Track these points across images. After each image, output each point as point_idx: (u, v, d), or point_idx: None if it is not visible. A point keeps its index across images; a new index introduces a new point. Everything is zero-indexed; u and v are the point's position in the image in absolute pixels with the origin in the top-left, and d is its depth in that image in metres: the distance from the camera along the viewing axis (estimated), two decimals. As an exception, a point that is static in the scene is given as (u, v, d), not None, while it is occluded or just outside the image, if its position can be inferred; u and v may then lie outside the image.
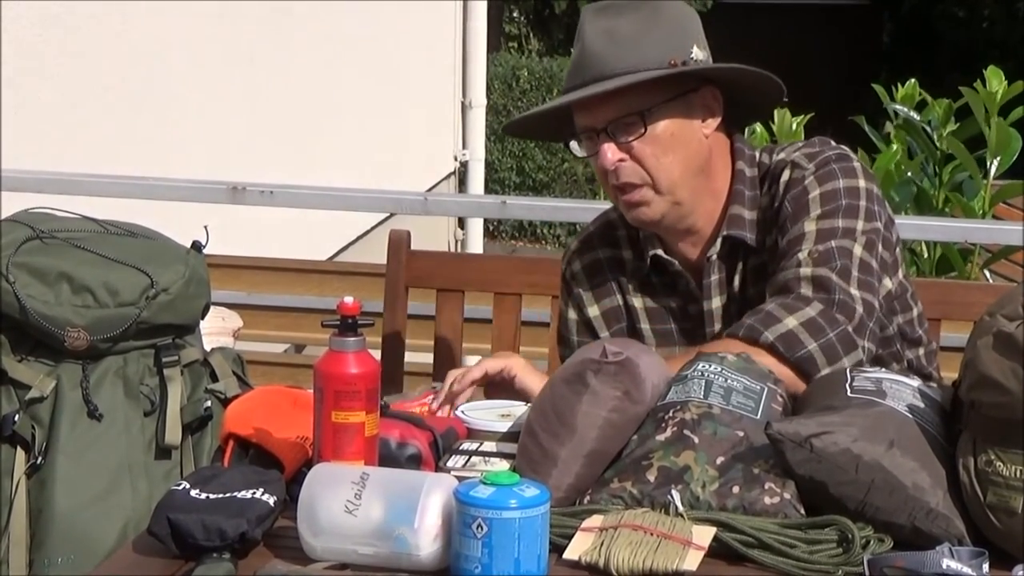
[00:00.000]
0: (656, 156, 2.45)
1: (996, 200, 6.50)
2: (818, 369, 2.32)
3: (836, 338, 2.35)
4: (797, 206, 2.46)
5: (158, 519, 1.96)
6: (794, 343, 2.34)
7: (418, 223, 4.26)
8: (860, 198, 2.46)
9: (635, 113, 2.44)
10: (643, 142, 2.45)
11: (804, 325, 2.35)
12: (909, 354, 2.57)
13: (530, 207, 5.99)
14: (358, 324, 2.09)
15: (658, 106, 2.45)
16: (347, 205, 5.28)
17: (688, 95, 2.47)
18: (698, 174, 2.50)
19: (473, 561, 1.82)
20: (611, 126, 2.45)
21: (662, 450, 2.06)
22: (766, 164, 2.54)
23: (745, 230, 2.50)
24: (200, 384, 2.72)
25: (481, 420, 2.33)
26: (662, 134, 2.45)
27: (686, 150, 2.48)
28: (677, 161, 2.47)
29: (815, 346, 2.33)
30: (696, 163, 2.49)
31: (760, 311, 2.39)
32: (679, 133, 2.47)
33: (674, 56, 2.44)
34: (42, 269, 2.65)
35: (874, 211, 2.47)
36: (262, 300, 4.95)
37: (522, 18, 16.28)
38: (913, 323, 2.57)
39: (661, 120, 2.45)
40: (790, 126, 6.42)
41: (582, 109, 2.48)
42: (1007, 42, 16.90)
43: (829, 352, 2.34)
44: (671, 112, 2.46)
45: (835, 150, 2.52)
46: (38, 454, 2.61)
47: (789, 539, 1.93)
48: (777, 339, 2.34)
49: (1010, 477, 1.93)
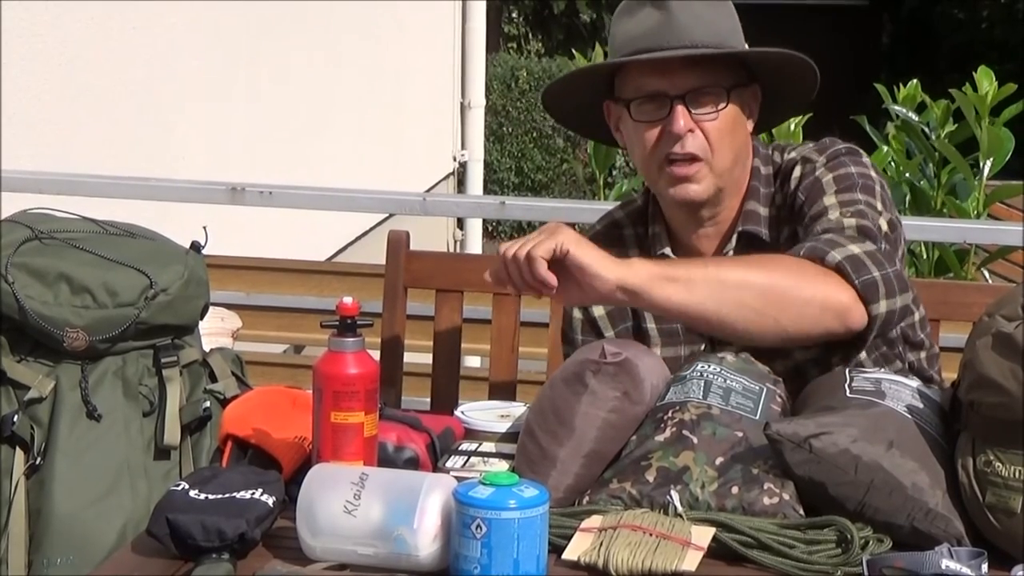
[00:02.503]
0: (721, 137, 2.44)
1: (991, 201, 6.50)
2: (878, 298, 2.28)
3: (893, 274, 2.32)
4: (812, 192, 2.45)
5: (157, 520, 1.96)
6: (860, 266, 2.29)
7: (417, 224, 4.25)
8: (875, 184, 2.47)
9: (721, 87, 2.43)
10: (717, 119, 2.43)
11: (867, 254, 2.31)
12: (911, 357, 2.56)
13: (529, 208, 5.98)
14: (357, 324, 2.09)
15: (736, 87, 2.44)
16: (346, 206, 5.28)
17: (744, 87, 2.48)
18: (737, 165, 2.49)
19: (472, 561, 1.82)
20: (691, 95, 2.42)
21: (661, 451, 2.06)
22: (778, 162, 2.54)
23: (760, 226, 2.50)
24: (199, 385, 2.71)
25: (480, 420, 2.33)
26: (731, 116, 2.45)
27: (739, 140, 2.48)
28: (732, 148, 2.46)
29: (879, 274, 2.29)
30: (742, 155, 2.50)
31: (817, 239, 2.34)
32: (739, 121, 2.47)
33: (741, 46, 2.45)
34: (41, 270, 2.65)
35: (888, 202, 2.47)
36: (261, 300, 4.95)
37: (521, 18, 16.27)
38: (915, 327, 2.57)
39: (734, 103, 2.45)
40: (789, 126, 6.41)
41: (657, 73, 2.43)
42: (1007, 43, 16.90)
43: (888, 284, 2.30)
44: (741, 97, 2.47)
45: (845, 145, 2.53)
46: (37, 454, 2.61)
47: (788, 539, 1.93)
48: (845, 259, 2.29)
49: (1009, 477, 1.93)
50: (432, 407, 2.92)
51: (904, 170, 6.47)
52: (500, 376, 2.96)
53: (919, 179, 6.49)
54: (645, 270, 2.21)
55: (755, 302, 2.23)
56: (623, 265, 2.20)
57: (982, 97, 6.17)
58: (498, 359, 2.97)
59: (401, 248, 3.03)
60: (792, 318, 2.24)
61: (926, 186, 6.46)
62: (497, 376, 2.96)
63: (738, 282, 2.24)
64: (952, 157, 6.23)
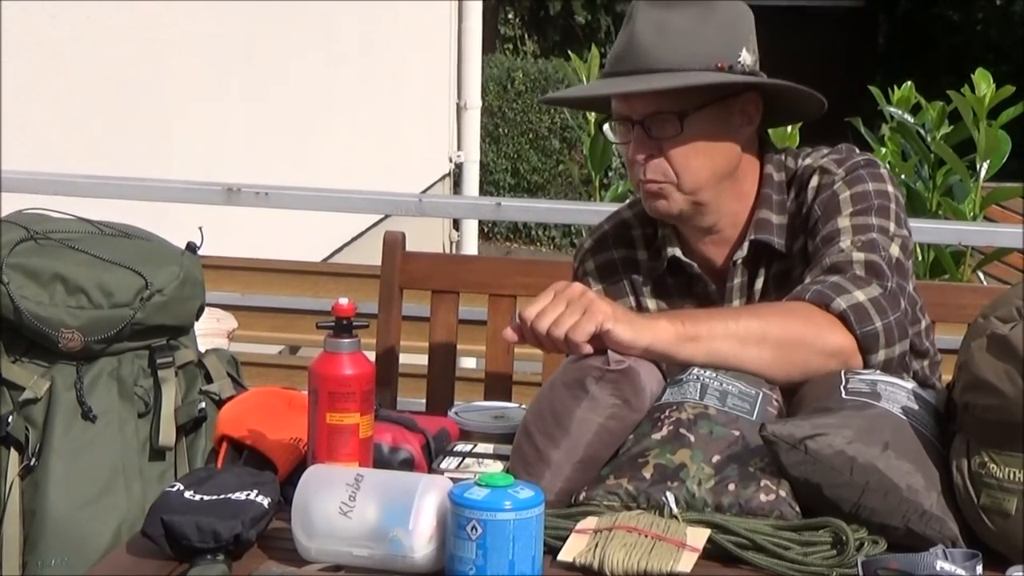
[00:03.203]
0: (687, 158, 2.43)
1: (988, 203, 6.50)
2: (878, 348, 2.29)
3: (895, 322, 2.32)
4: (828, 208, 2.44)
5: (152, 520, 1.95)
6: (863, 317, 2.30)
7: (413, 224, 4.26)
8: (891, 201, 2.45)
9: (673, 112, 2.41)
10: (676, 142, 2.42)
11: (871, 302, 2.32)
12: (915, 365, 2.56)
13: (525, 209, 6.00)
14: (353, 325, 2.08)
15: (696, 109, 2.42)
16: (342, 206, 5.28)
17: (728, 100, 2.45)
18: (725, 177, 2.47)
19: (467, 563, 1.82)
20: (647, 120, 2.42)
21: (658, 448, 2.06)
22: (792, 168, 2.52)
23: (773, 235, 2.48)
24: (194, 385, 2.71)
25: (475, 421, 2.33)
26: (696, 136, 2.42)
27: (718, 155, 2.45)
28: (706, 165, 2.44)
29: (880, 324, 2.30)
30: (726, 168, 2.47)
31: (823, 281, 2.35)
32: (713, 137, 2.44)
33: (721, 58, 2.40)
34: (36, 270, 2.65)
35: (902, 218, 2.47)
36: (257, 301, 4.95)
37: (517, 20, 16.28)
38: (921, 335, 2.56)
39: (697, 123, 2.42)
40: (786, 128, 6.41)
41: (621, 97, 2.45)
42: (1001, 45, 16.93)
43: (888, 335, 2.31)
44: (709, 116, 2.43)
45: (863, 156, 2.51)
46: (32, 455, 2.61)
47: (783, 541, 1.93)
48: (849, 308, 2.30)
49: (1004, 479, 1.93)
50: (427, 408, 2.92)
51: (900, 172, 6.47)
52: (495, 377, 2.96)
53: (914, 181, 6.49)
54: (670, 333, 2.22)
55: (770, 354, 2.26)
56: (650, 330, 2.21)
57: (980, 99, 6.17)
58: (494, 360, 2.97)
59: (397, 249, 3.03)
60: (801, 366, 2.27)
61: (921, 188, 6.46)
62: (493, 377, 2.96)
63: (757, 337, 2.26)
64: (949, 159, 6.23)
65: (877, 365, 2.30)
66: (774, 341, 2.26)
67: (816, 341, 2.28)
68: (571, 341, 2.17)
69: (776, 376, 2.26)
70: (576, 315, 2.17)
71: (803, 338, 2.28)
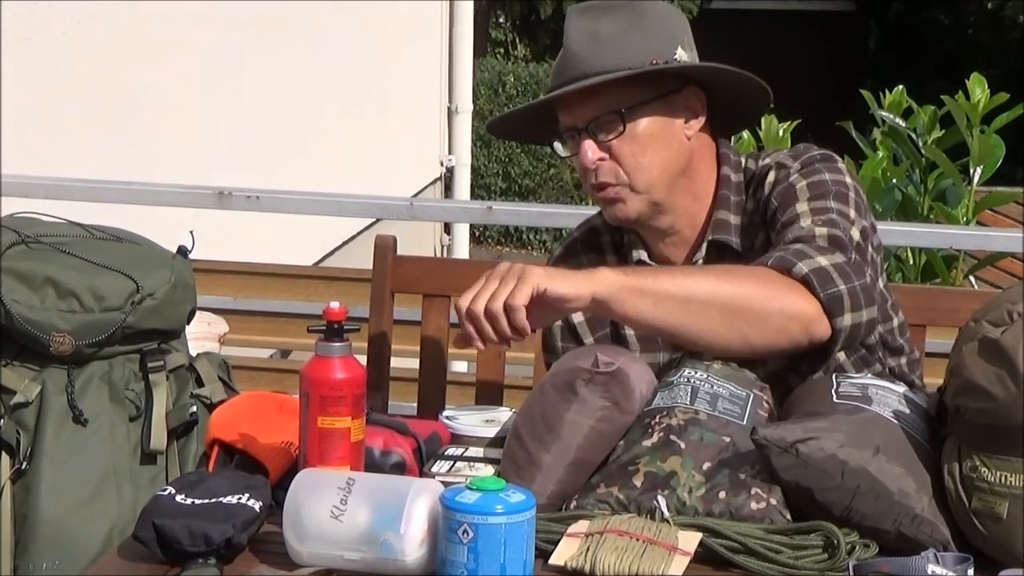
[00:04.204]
0: (635, 155, 2.45)
1: (981, 208, 6.51)
2: (843, 311, 2.28)
3: (860, 287, 2.31)
4: (786, 197, 2.45)
5: (143, 524, 1.95)
6: (827, 280, 2.28)
7: (404, 228, 4.26)
8: (849, 190, 2.45)
9: (614, 111, 2.43)
10: (622, 141, 2.44)
11: (835, 267, 2.31)
12: (891, 362, 2.56)
13: (516, 213, 5.99)
14: (344, 329, 2.08)
15: (638, 105, 2.44)
16: (333, 210, 5.28)
17: (670, 96, 2.47)
18: (679, 175, 2.49)
19: (459, 566, 1.82)
20: (592, 125, 2.45)
21: (648, 455, 2.06)
22: (752, 169, 2.54)
23: (731, 234, 2.50)
24: (186, 389, 2.71)
25: (466, 425, 2.33)
26: (642, 133, 2.45)
27: (667, 151, 2.47)
28: (656, 161, 2.46)
29: (845, 288, 2.29)
30: (677, 164, 2.49)
31: (786, 248, 2.34)
32: (659, 133, 2.46)
33: (657, 57, 2.43)
34: (27, 274, 2.64)
35: (863, 207, 2.47)
36: (248, 305, 4.94)
37: (508, 23, 16.30)
38: (894, 332, 2.57)
39: (641, 119, 2.45)
40: (777, 132, 6.42)
41: (565, 109, 2.48)
42: (992, 49, 16.95)
43: (854, 298, 2.29)
44: (651, 111, 2.45)
45: (820, 151, 2.52)
46: (23, 459, 2.61)
47: (775, 545, 1.93)
48: (812, 271, 2.28)
49: (995, 483, 1.93)
50: (419, 412, 2.92)
51: (891, 176, 6.47)
52: (487, 381, 2.96)
53: (906, 185, 6.50)
54: (614, 280, 2.21)
55: (721, 314, 2.24)
56: (592, 277, 2.20)
57: (974, 105, 6.18)
58: (485, 364, 2.97)
59: (388, 253, 3.03)
60: (757, 330, 2.25)
61: (913, 192, 6.47)
62: (484, 381, 2.96)
63: (706, 294, 2.24)
64: (941, 163, 6.24)
65: (844, 330, 2.28)
66: (726, 301, 2.24)
67: (773, 303, 2.26)
68: (511, 308, 2.13)
69: (730, 341, 2.24)
70: (510, 284, 2.15)
71: (759, 301, 2.26)
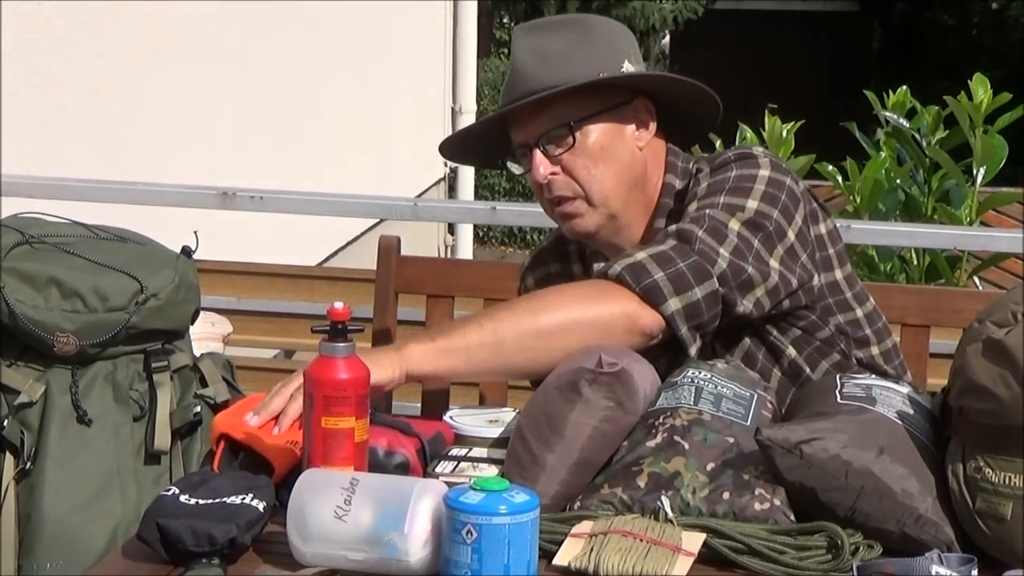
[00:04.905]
0: (587, 168, 2.47)
1: (985, 208, 6.50)
2: (664, 298, 2.30)
3: (686, 267, 2.32)
4: (688, 202, 2.47)
5: (147, 525, 1.95)
6: (640, 272, 2.32)
7: (408, 229, 4.26)
8: (756, 182, 2.44)
9: (564, 124, 2.46)
10: (573, 154, 2.47)
11: (652, 257, 2.34)
12: (859, 353, 2.55)
13: (520, 213, 5.98)
14: (348, 330, 2.08)
15: (587, 117, 2.47)
16: (337, 211, 5.28)
17: (620, 107, 2.49)
18: (633, 187, 2.51)
19: (463, 567, 1.82)
20: (542, 139, 2.47)
21: (652, 456, 2.06)
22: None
23: None
24: (189, 389, 2.71)
25: (470, 426, 2.33)
26: (593, 145, 2.47)
27: (619, 162, 2.49)
28: (609, 173, 2.48)
29: (661, 275, 2.31)
30: (630, 175, 2.50)
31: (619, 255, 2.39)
32: (610, 145, 2.48)
33: (604, 71, 2.46)
34: (31, 274, 2.64)
35: (777, 198, 2.44)
36: (252, 305, 4.95)
37: (512, 23, 16.29)
38: (858, 323, 2.55)
39: (591, 131, 2.47)
40: (780, 133, 6.41)
41: (516, 126, 2.51)
42: (996, 49, 16.95)
43: (677, 281, 2.31)
44: (601, 123, 2.48)
45: (741, 150, 2.51)
46: (27, 459, 2.61)
47: (778, 545, 1.93)
48: (624, 269, 2.32)
49: (999, 483, 1.93)
50: (422, 412, 2.92)
51: (895, 176, 6.47)
52: (490, 381, 2.96)
53: (909, 185, 6.49)
54: (422, 353, 2.25)
55: (537, 342, 2.27)
56: (401, 355, 2.24)
57: (977, 105, 6.18)
58: (489, 364, 2.96)
59: (392, 253, 3.03)
60: (579, 341, 2.25)
61: (917, 192, 6.46)
62: (488, 381, 2.96)
63: (515, 330, 2.28)
64: (945, 163, 6.23)
65: (677, 313, 2.30)
66: (537, 327, 2.27)
67: (587, 312, 2.29)
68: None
69: (554, 359, 2.24)
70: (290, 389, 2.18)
71: (570, 315, 2.29)
